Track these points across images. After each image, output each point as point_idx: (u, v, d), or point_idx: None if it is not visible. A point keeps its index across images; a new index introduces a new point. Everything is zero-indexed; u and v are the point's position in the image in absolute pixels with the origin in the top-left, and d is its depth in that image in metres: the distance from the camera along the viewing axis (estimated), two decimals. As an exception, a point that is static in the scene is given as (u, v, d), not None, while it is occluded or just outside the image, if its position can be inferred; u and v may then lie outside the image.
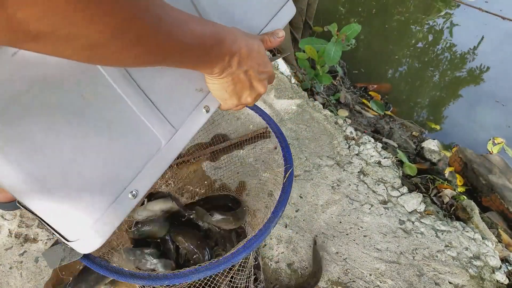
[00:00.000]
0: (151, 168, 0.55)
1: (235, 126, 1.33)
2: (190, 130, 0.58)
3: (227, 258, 0.67)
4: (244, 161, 1.25)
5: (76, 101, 0.44)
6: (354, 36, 1.64)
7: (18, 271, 1.00)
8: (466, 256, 1.13)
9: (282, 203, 0.76)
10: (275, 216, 0.74)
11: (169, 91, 0.54)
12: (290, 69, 1.56)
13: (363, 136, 1.39)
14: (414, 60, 2.74)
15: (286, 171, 0.81)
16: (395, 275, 1.07)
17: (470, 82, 2.60)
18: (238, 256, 0.67)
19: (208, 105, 0.59)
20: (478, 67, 2.66)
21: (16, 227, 1.06)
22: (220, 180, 1.21)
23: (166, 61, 0.41)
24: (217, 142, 1.28)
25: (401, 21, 3.00)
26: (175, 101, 0.55)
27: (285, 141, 0.86)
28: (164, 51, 0.38)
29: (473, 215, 1.32)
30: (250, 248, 0.69)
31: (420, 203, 1.23)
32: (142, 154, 0.54)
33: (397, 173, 1.31)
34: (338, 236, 1.13)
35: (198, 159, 1.24)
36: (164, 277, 0.65)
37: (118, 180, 0.52)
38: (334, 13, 2.95)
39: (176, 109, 0.56)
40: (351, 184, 1.24)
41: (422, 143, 1.99)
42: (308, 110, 1.41)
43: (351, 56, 2.50)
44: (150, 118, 0.52)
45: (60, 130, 0.44)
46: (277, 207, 0.76)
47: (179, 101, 0.56)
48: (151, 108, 0.52)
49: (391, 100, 2.39)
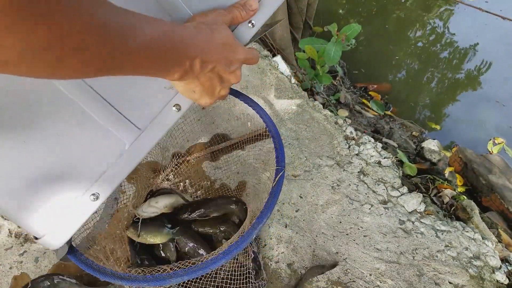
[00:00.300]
0: (114, 170, 0.54)
1: (235, 126, 1.32)
2: (158, 130, 0.56)
3: (205, 264, 0.65)
4: (244, 161, 1.25)
5: (24, 109, 0.45)
6: (354, 36, 1.64)
7: (18, 271, 1.00)
8: (466, 256, 1.13)
9: (269, 208, 0.72)
10: (259, 222, 0.70)
11: (133, 91, 0.52)
12: (290, 69, 1.56)
13: (363, 136, 1.39)
14: (414, 60, 2.74)
15: (277, 174, 0.77)
16: (395, 275, 1.07)
17: (469, 81, 2.61)
18: (217, 262, 0.65)
19: (179, 103, 0.56)
20: (478, 67, 2.66)
21: (16, 227, 1.06)
22: (220, 180, 1.21)
23: (116, 71, 0.36)
24: (217, 142, 1.28)
25: (401, 21, 3.00)
26: (139, 100, 0.53)
27: (280, 143, 0.82)
28: (112, 60, 0.33)
29: (473, 215, 1.32)
30: (229, 255, 0.66)
31: (420, 203, 1.23)
32: (103, 157, 0.53)
33: (397, 173, 1.31)
34: (338, 236, 1.13)
35: (198, 159, 1.24)
36: (144, 279, 0.64)
37: (79, 183, 0.52)
38: (334, 13, 2.95)
39: (141, 110, 0.54)
40: (351, 184, 1.24)
41: (422, 143, 1.99)
42: (308, 110, 1.41)
43: (351, 56, 2.50)
44: (110, 122, 0.51)
45: (12, 137, 0.46)
46: (263, 212, 0.71)
47: (145, 101, 0.54)
48: (111, 111, 0.51)
49: (391, 100, 2.39)
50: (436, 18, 3.00)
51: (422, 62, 2.73)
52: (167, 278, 0.64)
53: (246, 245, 0.68)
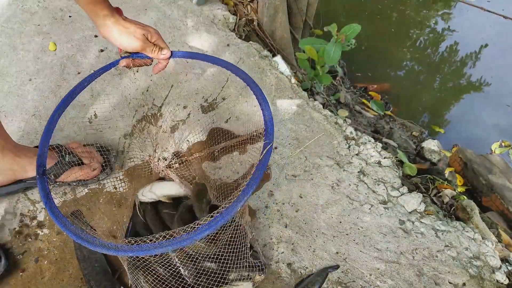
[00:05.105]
0: None
1: (235, 126, 1.33)
2: None
3: (190, 235, 0.65)
4: (244, 161, 1.25)
5: None
6: (354, 36, 1.64)
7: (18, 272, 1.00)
8: (466, 256, 1.13)
9: (255, 180, 0.71)
10: (244, 194, 0.69)
11: None
12: (290, 69, 1.56)
13: (363, 136, 1.39)
14: (414, 60, 2.74)
15: (264, 147, 0.75)
16: (395, 275, 1.07)
17: (469, 81, 2.60)
18: (201, 233, 0.65)
19: None
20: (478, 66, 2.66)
21: (16, 227, 1.06)
22: (220, 180, 1.21)
23: None
24: (217, 140, 1.28)
25: (401, 21, 3.00)
26: None
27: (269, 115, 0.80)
28: None
29: (473, 215, 1.32)
30: (213, 227, 0.65)
31: (420, 203, 1.23)
32: None
33: (397, 173, 1.31)
34: (338, 236, 1.13)
35: (198, 159, 1.24)
36: (130, 249, 0.66)
37: None
38: (334, 13, 2.95)
39: None
40: (351, 184, 1.24)
41: (422, 143, 1.99)
42: (308, 110, 1.41)
43: (351, 56, 2.50)
44: None
45: None
46: (249, 184, 0.70)
47: None
48: None
49: (391, 100, 2.39)
50: (438, 18, 3.00)
51: (422, 61, 2.73)
52: (151, 248, 0.65)
53: (230, 217, 0.67)
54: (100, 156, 1.14)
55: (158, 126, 1.30)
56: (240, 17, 1.81)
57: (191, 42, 1.54)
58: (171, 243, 0.65)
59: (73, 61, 1.42)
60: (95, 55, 1.45)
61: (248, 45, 1.57)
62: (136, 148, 1.24)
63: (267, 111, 0.81)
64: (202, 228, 0.66)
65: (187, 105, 1.36)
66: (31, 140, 1.23)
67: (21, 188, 1.09)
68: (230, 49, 1.54)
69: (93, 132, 1.26)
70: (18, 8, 1.54)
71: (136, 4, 1.62)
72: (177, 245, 0.65)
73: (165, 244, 0.64)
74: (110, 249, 0.66)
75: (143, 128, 1.29)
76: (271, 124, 0.79)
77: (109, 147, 1.20)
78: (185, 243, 0.65)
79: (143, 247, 0.65)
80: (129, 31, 0.85)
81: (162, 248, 0.64)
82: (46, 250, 1.03)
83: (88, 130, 1.27)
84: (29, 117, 1.27)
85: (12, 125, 1.25)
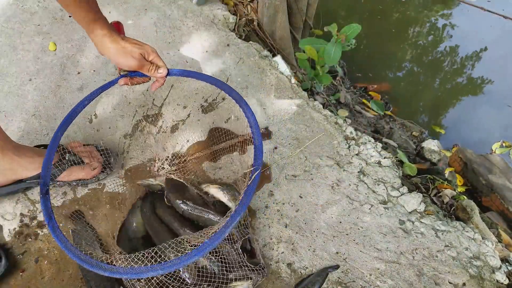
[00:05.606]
0: None
1: (235, 126, 1.33)
2: None
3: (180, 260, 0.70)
4: (244, 161, 1.25)
5: None
6: (354, 36, 1.63)
7: (18, 272, 1.00)
8: (466, 256, 1.13)
9: (243, 207, 0.73)
10: (232, 221, 0.72)
11: None
12: (290, 69, 1.56)
13: (363, 136, 1.39)
14: (414, 60, 2.74)
15: (253, 172, 0.76)
16: (395, 275, 1.07)
17: (470, 81, 2.60)
18: (190, 259, 0.70)
19: None
20: (478, 66, 2.66)
21: (16, 227, 1.06)
22: (220, 180, 1.21)
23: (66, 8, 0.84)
24: (217, 139, 1.28)
25: (401, 21, 3.00)
26: None
27: (259, 139, 0.82)
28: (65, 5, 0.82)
29: (473, 215, 1.32)
30: (201, 252, 0.70)
31: (420, 203, 1.23)
32: None
33: (397, 173, 1.31)
34: (338, 236, 1.13)
35: (198, 159, 1.24)
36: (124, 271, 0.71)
37: None
38: (334, 13, 2.95)
39: None
40: (351, 184, 1.24)
41: (422, 143, 1.99)
42: (308, 110, 1.41)
43: (351, 56, 2.50)
44: None
45: None
46: (237, 210, 0.73)
47: None
48: None
49: (391, 100, 2.39)
50: (438, 18, 3.00)
51: (422, 61, 2.73)
52: (144, 272, 0.70)
53: (218, 243, 0.71)
54: (100, 156, 1.14)
55: (158, 126, 1.30)
56: (240, 17, 1.81)
57: (191, 42, 1.54)
58: (162, 267, 0.69)
59: (73, 61, 1.42)
60: (95, 55, 1.45)
61: (248, 45, 1.57)
62: (136, 149, 1.24)
63: (257, 136, 0.83)
64: (192, 253, 0.70)
65: (187, 105, 1.36)
66: (31, 140, 1.23)
67: (21, 188, 1.09)
68: (230, 49, 1.54)
69: (93, 132, 1.26)
70: (18, 8, 1.54)
71: (136, 4, 1.62)
72: (168, 269, 0.70)
73: (156, 268, 0.69)
74: (106, 270, 0.71)
75: (143, 128, 1.29)
76: (261, 151, 0.81)
77: (109, 147, 1.20)
78: (175, 267, 0.70)
79: (136, 270, 0.70)
80: (126, 51, 0.86)
81: (154, 271, 0.69)
82: (46, 250, 1.03)
83: (88, 130, 1.27)
84: (29, 117, 1.27)
85: (12, 125, 1.25)
